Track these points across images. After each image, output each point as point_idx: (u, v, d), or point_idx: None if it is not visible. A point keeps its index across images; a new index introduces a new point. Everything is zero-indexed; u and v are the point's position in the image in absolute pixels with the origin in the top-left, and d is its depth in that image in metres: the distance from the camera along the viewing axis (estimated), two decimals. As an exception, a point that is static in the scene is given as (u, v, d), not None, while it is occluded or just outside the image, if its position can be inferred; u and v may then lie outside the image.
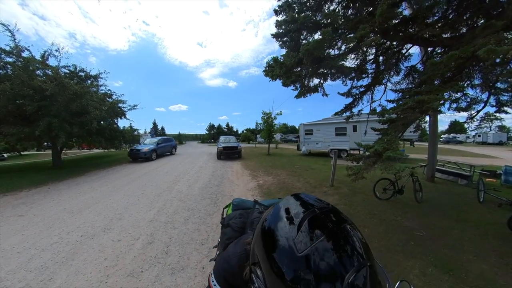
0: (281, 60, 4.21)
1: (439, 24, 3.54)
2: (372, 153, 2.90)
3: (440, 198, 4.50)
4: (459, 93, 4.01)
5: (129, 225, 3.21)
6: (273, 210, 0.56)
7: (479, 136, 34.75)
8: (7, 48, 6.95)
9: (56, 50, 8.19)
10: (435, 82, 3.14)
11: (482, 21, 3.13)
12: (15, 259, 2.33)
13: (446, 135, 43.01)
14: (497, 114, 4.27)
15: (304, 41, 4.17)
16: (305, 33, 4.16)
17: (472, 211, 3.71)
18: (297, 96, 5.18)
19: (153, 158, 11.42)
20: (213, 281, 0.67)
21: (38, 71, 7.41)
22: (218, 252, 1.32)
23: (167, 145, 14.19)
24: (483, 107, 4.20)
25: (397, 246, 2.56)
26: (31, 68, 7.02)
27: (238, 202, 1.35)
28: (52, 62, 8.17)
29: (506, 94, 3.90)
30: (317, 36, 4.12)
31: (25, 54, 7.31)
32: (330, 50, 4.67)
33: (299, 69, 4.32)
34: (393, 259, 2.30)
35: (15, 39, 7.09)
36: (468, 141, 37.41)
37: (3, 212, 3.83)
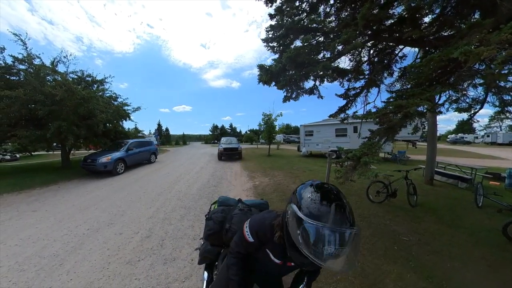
0: (267, 67, 4.20)
1: (435, 25, 3.35)
2: (351, 158, 2.91)
3: (436, 202, 4.35)
4: (458, 93, 3.70)
5: (130, 221, 3.50)
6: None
7: (488, 136, 33.52)
8: (20, 56, 7.38)
9: (65, 57, 8.67)
10: (426, 84, 3.03)
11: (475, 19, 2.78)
12: (31, 248, 2.65)
13: (453, 135, 41.60)
14: (507, 114, 3.84)
15: (292, 46, 4.20)
16: (292, 37, 4.21)
17: (468, 216, 3.54)
18: (284, 101, 5.23)
19: (120, 172, 8.08)
20: (247, 230, 0.88)
21: (48, 77, 7.84)
22: (202, 242, 1.52)
23: (144, 150, 10.32)
24: (480, 107, 3.95)
25: (379, 250, 2.52)
26: (42, 74, 7.43)
27: (223, 199, 1.54)
28: (60, 68, 8.60)
29: (510, 94, 3.49)
30: (298, 43, 4.12)
31: (36, 61, 7.73)
32: (321, 53, 4.72)
33: (289, 73, 4.28)
34: (372, 263, 2.27)
35: (26, 47, 7.51)
36: (476, 141, 36.17)
37: (19, 207, 4.21)
